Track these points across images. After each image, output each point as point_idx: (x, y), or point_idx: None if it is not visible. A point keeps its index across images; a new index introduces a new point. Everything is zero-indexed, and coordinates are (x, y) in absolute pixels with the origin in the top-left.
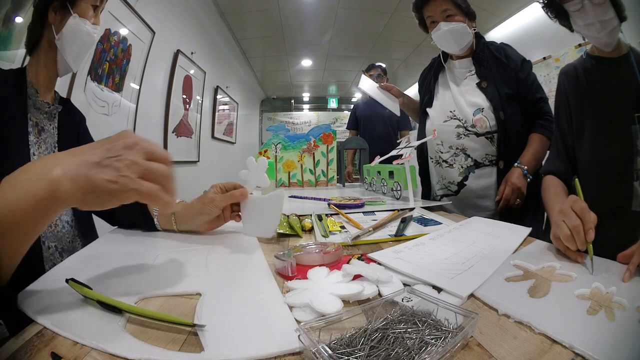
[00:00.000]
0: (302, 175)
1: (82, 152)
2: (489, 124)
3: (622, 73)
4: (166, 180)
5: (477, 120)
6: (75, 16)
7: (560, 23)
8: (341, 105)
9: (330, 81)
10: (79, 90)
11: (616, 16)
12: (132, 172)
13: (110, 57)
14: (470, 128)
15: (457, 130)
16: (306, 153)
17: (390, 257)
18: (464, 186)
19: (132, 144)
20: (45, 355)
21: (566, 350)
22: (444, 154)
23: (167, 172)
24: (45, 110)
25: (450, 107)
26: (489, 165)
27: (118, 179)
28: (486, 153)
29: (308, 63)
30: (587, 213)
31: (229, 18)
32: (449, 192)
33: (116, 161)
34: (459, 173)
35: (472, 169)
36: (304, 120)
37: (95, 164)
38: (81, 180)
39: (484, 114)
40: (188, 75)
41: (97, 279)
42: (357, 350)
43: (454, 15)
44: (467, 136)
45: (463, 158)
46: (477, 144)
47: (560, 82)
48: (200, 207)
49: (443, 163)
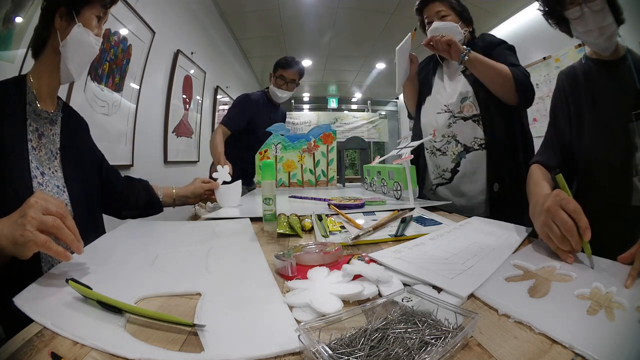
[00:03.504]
0: (302, 175)
1: (11, 216)
2: (475, 108)
3: (619, 74)
4: (58, 230)
5: (464, 107)
6: (80, 25)
7: (560, 29)
8: (341, 105)
9: (330, 81)
10: (79, 90)
11: (614, 21)
12: (30, 226)
13: (110, 57)
14: (458, 114)
15: (449, 121)
16: (306, 153)
17: (390, 257)
18: (457, 172)
19: (32, 203)
20: (45, 355)
21: (566, 350)
22: (437, 142)
23: (57, 223)
24: (45, 117)
25: (443, 100)
26: (479, 149)
27: (23, 232)
28: (474, 137)
29: (308, 63)
30: (580, 213)
31: (229, 18)
32: (444, 181)
33: (21, 218)
34: (451, 159)
35: (463, 154)
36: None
37: (14, 223)
38: (9, 236)
39: (471, 100)
40: (188, 75)
41: (97, 278)
42: (357, 350)
43: (447, 16)
44: (456, 122)
45: (454, 144)
46: (465, 128)
47: (560, 82)
48: (192, 189)
49: (437, 152)
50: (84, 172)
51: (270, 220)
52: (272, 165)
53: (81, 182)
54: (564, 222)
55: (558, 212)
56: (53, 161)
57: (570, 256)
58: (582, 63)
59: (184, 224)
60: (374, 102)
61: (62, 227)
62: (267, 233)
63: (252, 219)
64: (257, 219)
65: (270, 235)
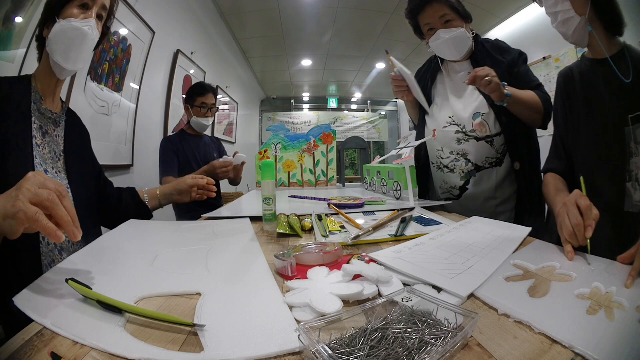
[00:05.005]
0: (302, 175)
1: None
2: (490, 128)
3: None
4: (52, 205)
5: (477, 125)
6: (60, 21)
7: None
8: (341, 105)
9: (330, 81)
10: (79, 90)
11: (572, 9)
12: (24, 197)
13: (110, 57)
14: (470, 133)
15: (457, 136)
16: (306, 153)
17: (390, 257)
18: (466, 190)
19: (29, 177)
20: (45, 355)
21: (566, 350)
22: (445, 159)
23: (52, 197)
24: (49, 116)
25: (449, 113)
26: (489, 167)
27: (15, 202)
28: (486, 157)
29: (308, 63)
30: (589, 210)
31: (229, 18)
32: (452, 197)
33: (16, 191)
34: (460, 178)
35: (474, 173)
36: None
37: (8, 196)
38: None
39: (484, 117)
40: (188, 75)
41: (97, 278)
42: (357, 350)
43: (453, 20)
44: (467, 141)
45: (464, 163)
46: (477, 149)
47: (558, 84)
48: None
49: (444, 169)
50: (86, 179)
51: (270, 220)
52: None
53: (84, 188)
54: (575, 216)
55: (572, 208)
56: (57, 162)
57: (571, 252)
58: (579, 63)
59: (184, 224)
60: (374, 102)
61: (57, 203)
62: (267, 233)
63: (252, 219)
64: (257, 218)
65: (270, 235)
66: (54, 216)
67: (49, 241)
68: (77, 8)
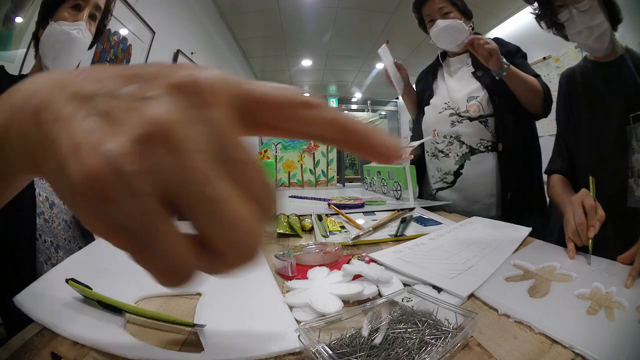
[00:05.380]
0: (302, 175)
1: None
2: (483, 108)
3: (616, 75)
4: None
5: (470, 106)
6: (51, 23)
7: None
8: (341, 105)
9: (330, 81)
10: None
11: (607, 20)
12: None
13: (110, 57)
14: (464, 113)
15: (451, 119)
16: (306, 153)
17: (390, 257)
18: (460, 175)
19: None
20: (45, 355)
21: (566, 350)
22: (440, 144)
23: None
24: None
25: (445, 99)
26: (485, 151)
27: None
28: (481, 138)
29: (308, 63)
30: (594, 210)
31: (229, 18)
32: (445, 185)
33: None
34: (455, 161)
35: (468, 156)
36: None
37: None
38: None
39: (479, 100)
40: None
41: (97, 279)
42: (357, 350)
43: (450, 12)
44: (461, 122)
45: (458, 145)
46: (471, 129)
47: (561, 85)
48: None
49: (439, 154)
50: None
51: None
52: (272, 165)
53: None
54: (579, 215)
55: (577, 207)
56: None
57: (572, 251)
58: (581, 65)
59: None
60: (374, 102)
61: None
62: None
63: None
64: None
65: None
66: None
67: (45, 238)
68: (69, 10)
